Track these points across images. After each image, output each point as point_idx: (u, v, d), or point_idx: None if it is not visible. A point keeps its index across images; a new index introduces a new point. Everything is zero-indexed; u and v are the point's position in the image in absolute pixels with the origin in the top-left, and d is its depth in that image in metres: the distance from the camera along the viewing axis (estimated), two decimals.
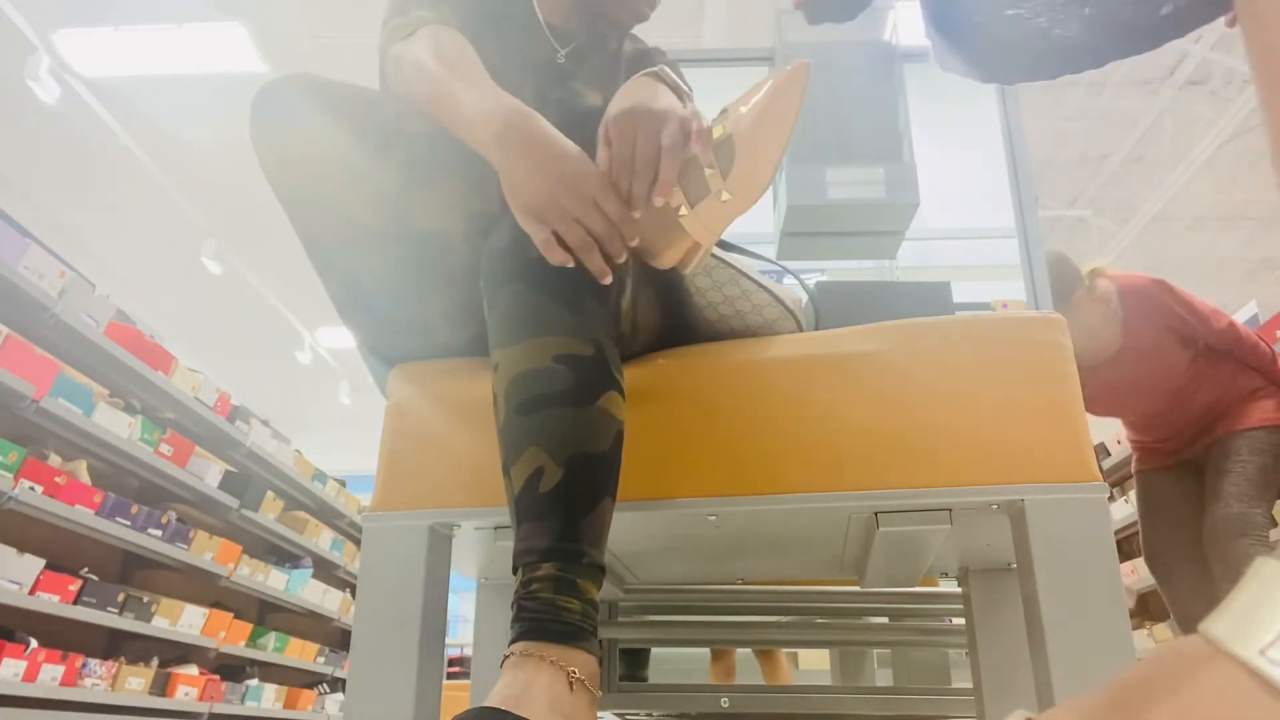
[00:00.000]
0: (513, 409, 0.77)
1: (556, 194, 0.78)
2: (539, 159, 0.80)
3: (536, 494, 0.74)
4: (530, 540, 0.74)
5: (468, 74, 0.89)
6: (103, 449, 2.94)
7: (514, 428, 0.77)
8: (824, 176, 2.21)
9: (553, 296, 0.79)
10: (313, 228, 0.92)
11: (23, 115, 4.88)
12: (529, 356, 0.77)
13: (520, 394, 0.77)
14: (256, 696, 3.92)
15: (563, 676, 0.69)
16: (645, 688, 1.48)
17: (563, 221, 0.78)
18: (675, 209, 0.81)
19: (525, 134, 0.81)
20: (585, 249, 0.78)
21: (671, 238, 0.84)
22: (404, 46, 0.96)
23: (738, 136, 0.79)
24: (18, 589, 2.52)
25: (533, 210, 0.79)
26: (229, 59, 4.67)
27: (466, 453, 0.93)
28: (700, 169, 0.80)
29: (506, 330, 0.79)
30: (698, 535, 0.99)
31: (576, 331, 0.78)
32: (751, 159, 0.78)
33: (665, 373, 0.93)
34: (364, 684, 0.87)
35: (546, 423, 0.75)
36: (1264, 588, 0.24)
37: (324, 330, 7.22)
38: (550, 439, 0.75)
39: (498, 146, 0.81)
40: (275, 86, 0.88)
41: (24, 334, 2.53)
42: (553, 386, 0.76)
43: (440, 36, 0.95)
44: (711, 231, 0.82)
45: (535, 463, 0.74)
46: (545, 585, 0.72)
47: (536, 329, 0.78)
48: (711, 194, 0.80)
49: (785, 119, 0.78)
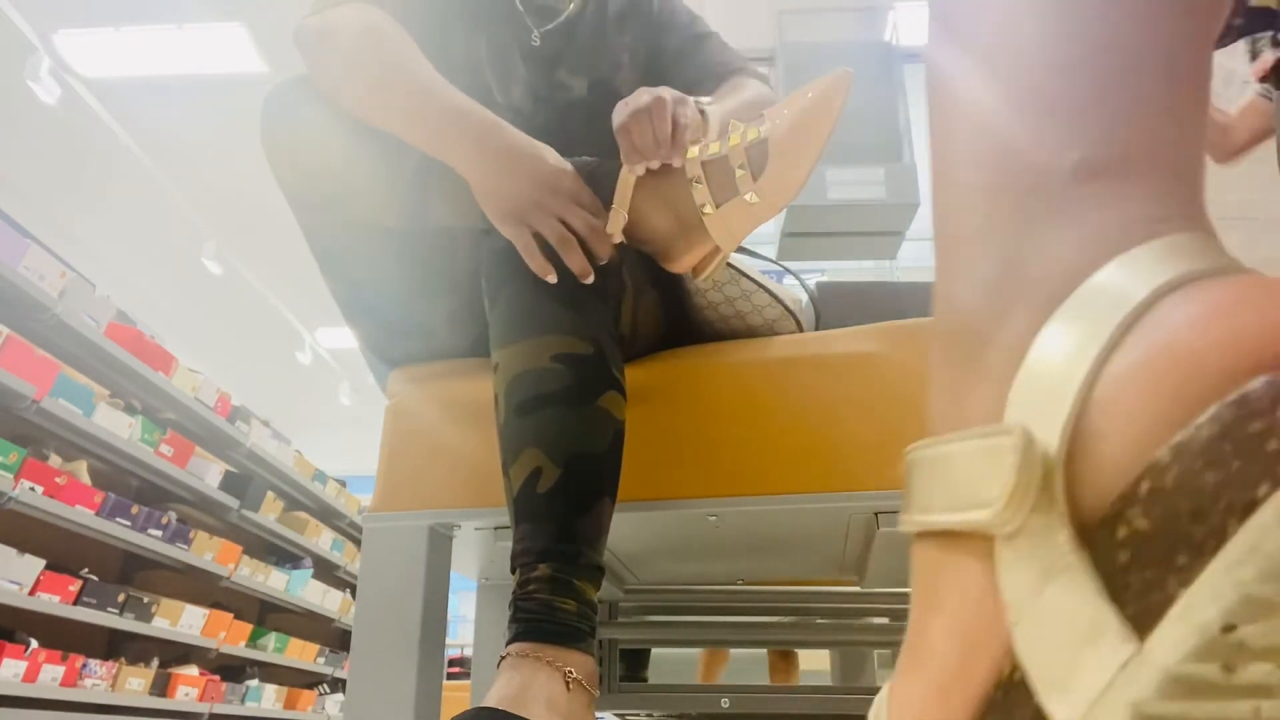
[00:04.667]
0: (512, 409, 0.77)
1: (534, 194, 0.79)
2: (511, 164, 0.80)
3: (534, 494, 0.74)
4: (528, 541, 0.74)
5: (421, 72, 0.86)
6: (103, 449, 2.94)
7: (513, 428, 0.77)
8: (824, 176, 2.21)
9: (552, 295, 0.79)
10: (320, 228, 0.92)
11: (23, 116, 4.88)
12: (528, 356, 0.77)
13: (519, 394, 0.77)
14: (257, 697, 3.92)
15: (559, 677, 0.69)
16: (645, 688, 1.48)
17: (543, 220, 0.79)
18: (700, 207, 0.80)
19: (495, 143, 0.81)
20: (566, 246, 0.79)
21: (691, 239, 0.83)
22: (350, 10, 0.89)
23: (773, 139, 0.78)
24: (18, 589, 2.52)
25: (512, 214, 0.79)
26: (229, 59, 4.67)
27: (466, 453, 0.93)
28: (731, 169, 0.79)
29: (506, 329, 0.79)
30: (698, 535, 0.99)
31: (576, 330, 0.78)
32: (785, 163, 0.78)
33: (665, 373, 0.93)
34: (364, 684, 0.87)
35: (544, 423, 0.75)
36: (910, 474, 0.28)
37: (324, 330, 7.22)
38: (548, 439, 0.75)
39: (465, 156, 0.81)
40: (285, 88, 0.88)
41: (24, 334, 2.53)
42: (551, 386, 0.76)
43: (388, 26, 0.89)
44: (733, 236, 0.81)
45: (533, 463, 0.74)
46: (542, 586, 0.72)
47: (536, 328, 0.78)
48: (739, 195, 0.79)
49: (823, 127, 0.78)
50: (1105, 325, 0.23)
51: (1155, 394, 0.21)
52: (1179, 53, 0.27)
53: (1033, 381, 0.24)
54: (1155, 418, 0.21)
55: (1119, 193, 0.26)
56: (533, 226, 0.79)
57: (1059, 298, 0.25)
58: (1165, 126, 0.27)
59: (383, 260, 0.92)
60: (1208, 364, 0.21)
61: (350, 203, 0.88)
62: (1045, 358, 0.24)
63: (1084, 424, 0.22)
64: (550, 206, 0.79)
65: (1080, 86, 0.27)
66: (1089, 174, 0.26)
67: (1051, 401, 0.23)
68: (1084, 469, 0.22)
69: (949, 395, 0.28)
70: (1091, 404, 0.22)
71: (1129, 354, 0.22)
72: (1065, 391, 0.23)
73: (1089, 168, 0.26)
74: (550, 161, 0.82)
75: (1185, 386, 0.21)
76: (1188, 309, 0.22)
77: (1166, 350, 0.21)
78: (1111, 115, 0.27)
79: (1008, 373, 0.25)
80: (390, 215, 0.88)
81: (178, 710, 3.34)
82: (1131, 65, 0.27)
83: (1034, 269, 0.26)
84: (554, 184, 0.80)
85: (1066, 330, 0.24)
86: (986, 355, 0.27)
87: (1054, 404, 0.23)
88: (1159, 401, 0.21)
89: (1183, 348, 0.21)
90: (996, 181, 0.28)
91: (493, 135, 0.82)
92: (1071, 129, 0.27)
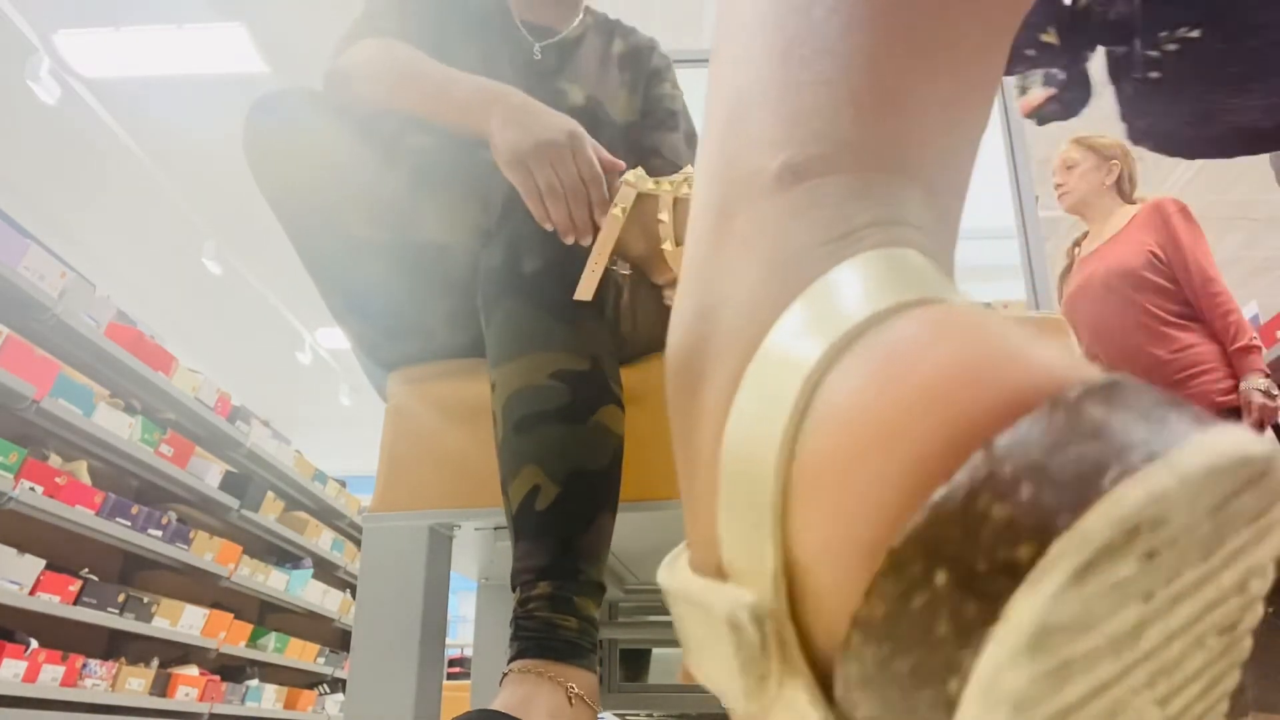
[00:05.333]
0: (510, 427, 0.77)
1: (539, 141, 0.83)
2: (527, 119, 0.85)
3: (533, 512, 0.74)
4: (528, 559, 0.74)
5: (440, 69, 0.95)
6: (103, 449, 2.94)
7: (511, 445, 0.77)
8: None
9: (549, 311, 0.79)
10: (308, 238, 0.91)
11: (23, 116, 4.88)
12: (525, 373, 0.77)
13: (517, 411, 0.77)
14: (257, 697, 3.92)
15: (562, 692, 0.69)
16: (645, 688, 1.48)
17: (540, 167, 0.82)
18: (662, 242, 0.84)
19: (514, 102, 0.87)
20: (553, 196, 0.81)
21: (660, 265, 0.88)
22: (366, 45, 1.00)
23: None
24: (18, 589, 2.52)
25: (517, 156, 0.83)
26: (229, 59, 4.67)
27: (466, 453, 0.93)
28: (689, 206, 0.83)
29: (503, 346, 0.79)
30: None
31: (572, 346, 0.78)
32: None
33: (665, 373, 0.93)
34: (364, 684, 0.87)
35: (542, 441, 0.75)
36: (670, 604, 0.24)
37: (324, 331, 7.22)
38: (546, 457, 0.75)
39: (490, 117, 0.86)
40: (272, 98, 0.88)
41: (24, 334, 2.53)
42: (548, 404, 0.76)
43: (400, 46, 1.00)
44: None
45: (532, 481, 0.74)
46: (542, 604, 0.72)
47: (532, 344, 0.78)
48: None
49: None
50: (783, 405, 0.19)
51: (841, 507, 0.17)
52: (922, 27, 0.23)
53: (735, 481, 0.20)
54: (850, 541, 0.17)
55: (816, 199, 0.22)
56: (532, 172, 0.82)
57: (748, 354, 0.21)
58: (885, 117, 0.23)
59: (372, 266, 0.92)
60: (894, 454, 0.17)
61: (336, 213, 0.88)
62: (739, 448, 0.20)
63: (791, 549, 0.18)
64: (550, 155, 0.82)
65: (791, 73, 0.24)
66: (793, 177, 0.23)
67: (756, 518, 0.19)
68: (804, 609, 0.18)
69: (680, 424, 0.24)
70: (791, 516, 0.18)
71: (812, 445, 0.18)
72: (763, 503, 0.19)
73: (793, 170, 0.23)
74: (559, 117, 0.86)
75: (868, 491, 0.17)
76: (858, 374, 0.18)
77: (842, 442, 0.18)
78: (815, 106, 0.23)
79: (715, 443, 0.21)
80: (375, 228, 0.88)
81: (178, 710, 3.34)
82: (834, 48, 0.23)
83: (727, 313, 0.23)
84: (559, 134, 0.83)
85: (753, 409, 0.20)
86: (699, 407, 0.23)
87: (757, 523, 0.19)
88: (847, 519, 0.17)
89: (857, 431, 0.17)
90: (709, 193, 0.25)
91: (510, 94, 0.89)
92: (780, 123, 0.23)
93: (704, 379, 0.23)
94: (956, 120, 0.25)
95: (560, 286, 0.80)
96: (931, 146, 0.24)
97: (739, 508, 0.20)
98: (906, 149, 0.23)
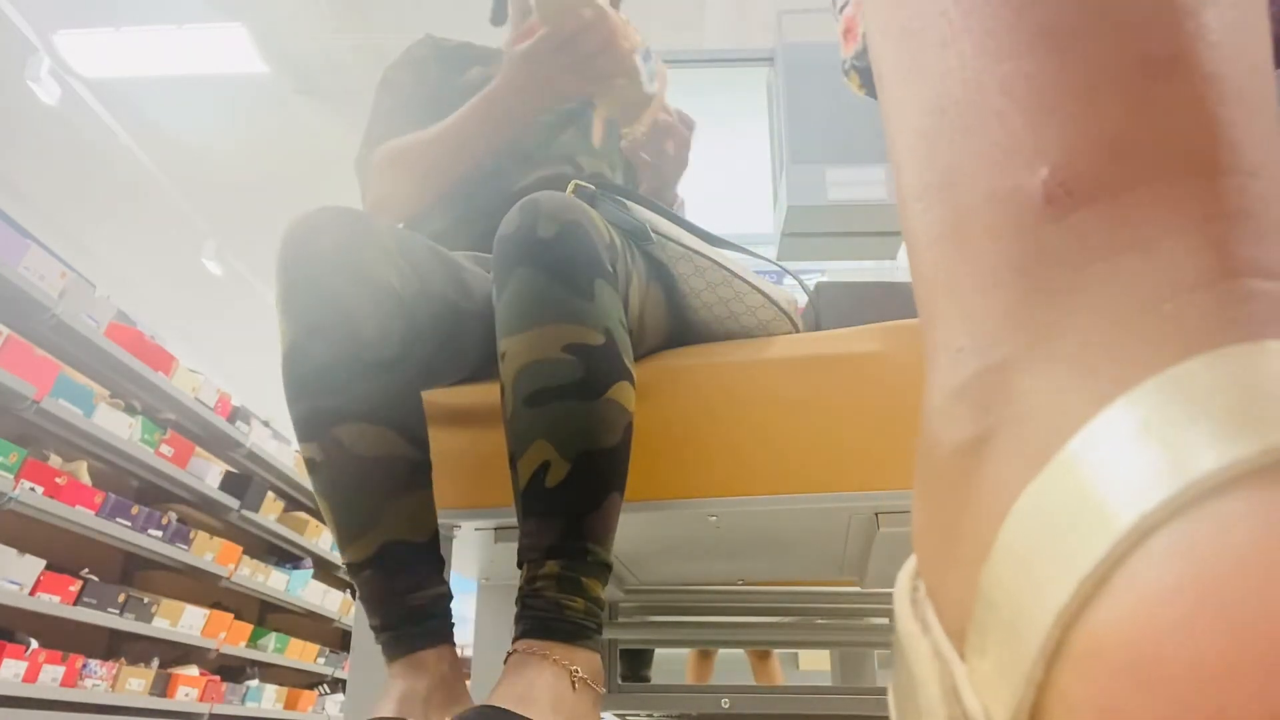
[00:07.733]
0: (520, 400, 0.75)
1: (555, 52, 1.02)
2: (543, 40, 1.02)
3: (542, 489, 0.73)
4: (535, 536, 0.73)
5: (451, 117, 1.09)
6: (103, 449, 2.94)
7: (521, 419, 0.75)
8: (824, 176, 2.21)
9: (562, 281, 0.76)
10: (309, 354, 0.81)
11: (23, 116, 4.88)
12: (538, 345, 0.75)
13: (528, 385, 0.74)
14: (257, 697, 3.92)
15: (565, 676, 0.69)
16: (645, 688, 1.48)
17: (560, 16, 1.00)
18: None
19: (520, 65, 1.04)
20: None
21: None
22: (388, 144, 1.12)
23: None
24: (18, 590, 2.52)
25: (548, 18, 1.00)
26: (229, 59, 4.67)
27: (466, 454, 0.93)
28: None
29: (515, 316, 0.76)
30: (698, 535, 0.99)
31: (587, 319, 0.76)
32: None
33: (665, 373, 0.93)
34: (364, 684, 0.87)
35: (554, 416, 0.74)
36: None
37: None
38: (558, 433, 0.73)
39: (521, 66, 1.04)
40: (313, 222, 0.83)
41: (24, 334, 2.54)
42: (562, 379, 0.74)
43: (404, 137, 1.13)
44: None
45: (542, 456, 0.73)
46: (549, 583, 0.71)
47: (545, 315, 0.75)
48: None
49: None
50: (1076, 560, 0.15)
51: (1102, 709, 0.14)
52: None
53: (996, 608, 0.17)
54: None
55: (1121, 231, 0.16)
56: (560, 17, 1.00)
57: (1038, 457, 0.17)
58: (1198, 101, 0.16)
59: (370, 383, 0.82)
60: (1170, 685, 0.13)
61: (351, 344, 0.80)
62: (1011, 578, 0.16)
63: (1044, 708, 0.15)
64: None
65: (1044, 59, 0.18)
66: (1067, 196, 0.17)
67: (1012, 658, 0.16)
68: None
69: (935, 533, 0.22)
70: (1056, 678, 0.15)
71: (1104, 615, 0.14)
72: (1024, 654, 0.15)
73: (1064, 184, 0.17)
74: None
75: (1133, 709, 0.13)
76: (1169, 569, 0.14)
77: (1128, 642, 0.14)
78: (1091, 93, 0.17)
79: (986, 541, 0.18)
80: (389, 358, 0.81)
81: (178, 710, 3.34)
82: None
83: (999, 398, 0.18)
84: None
85: (1035, 540, 0.16)
86: (967, 498, 0.19)
87: (1014, 663, 0.16)
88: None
89: (1143, 644, 0.14)
90: (943, 227, 0.20)
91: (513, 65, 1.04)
92: (1033, 121, 0.18)
93: (978, 465, 0.19)
94: None
95: (576, 256, 0.77)
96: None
97: (997, 631, 0.17)
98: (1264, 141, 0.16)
